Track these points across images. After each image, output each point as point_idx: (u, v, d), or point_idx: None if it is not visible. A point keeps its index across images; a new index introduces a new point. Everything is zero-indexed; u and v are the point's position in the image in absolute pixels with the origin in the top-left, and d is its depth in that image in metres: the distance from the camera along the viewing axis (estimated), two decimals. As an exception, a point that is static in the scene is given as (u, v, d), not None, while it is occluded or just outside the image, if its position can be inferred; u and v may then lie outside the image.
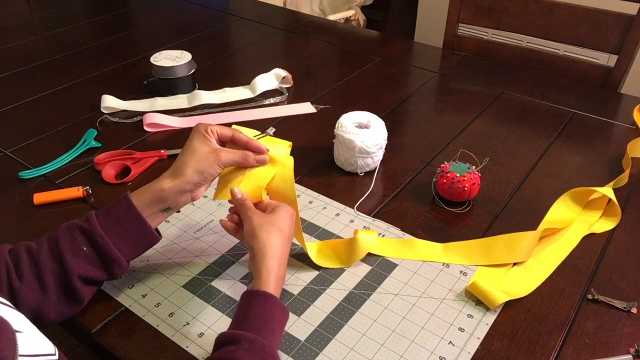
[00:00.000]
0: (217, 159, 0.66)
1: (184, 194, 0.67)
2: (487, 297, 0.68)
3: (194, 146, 0.67)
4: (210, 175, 0.67)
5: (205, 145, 0.67)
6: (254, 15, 1.58)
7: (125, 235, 0.65)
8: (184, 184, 0.66)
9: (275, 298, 0.59)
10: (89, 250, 0.64)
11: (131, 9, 1.65)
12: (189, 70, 1.14)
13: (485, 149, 0.98)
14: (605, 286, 0.71)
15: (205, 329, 0.65)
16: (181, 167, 0.66)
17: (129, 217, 0.65)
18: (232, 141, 0.70)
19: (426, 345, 0.64)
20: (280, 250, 0.63)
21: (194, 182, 0.66)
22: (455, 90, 1.19)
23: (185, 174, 0.66)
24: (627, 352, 0.63)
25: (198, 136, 0.68)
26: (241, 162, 0.68)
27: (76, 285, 0.62)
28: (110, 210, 0.66)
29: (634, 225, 0.81)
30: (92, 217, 0.65)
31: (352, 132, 0.88)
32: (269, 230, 0.63)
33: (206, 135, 0.68)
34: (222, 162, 0.67)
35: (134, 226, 0.65)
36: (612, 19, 1.23)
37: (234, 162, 0.68)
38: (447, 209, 0.84)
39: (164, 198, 0.66)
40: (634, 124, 1.06)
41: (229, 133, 0.69)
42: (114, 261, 0.64)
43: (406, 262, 0.75)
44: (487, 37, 1.65)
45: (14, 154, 0.97)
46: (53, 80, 1.22)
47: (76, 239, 0.64)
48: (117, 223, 0.65)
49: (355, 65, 1.29)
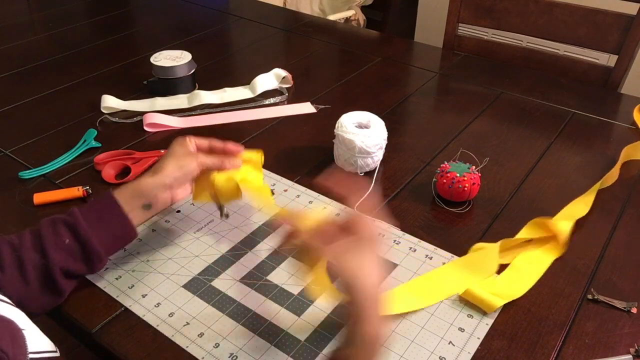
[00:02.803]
0: (196, 157, 0.73)
1: (164, 190, 0.71)
2: (483, 302, 0.67)
3: (173, 149, 0.74)
4: (189, 172, 0.72)
5: (184, 148, 0.74)
6: (254, 15, 1.58)
7: (107, 230, 0.67)
8: (164, 177, 0.70)
9: None
10: (71, 243, 0.65)
11: (131, 9, 1.65)
12: (189, 70, 1.14)
13: (485, 149, 0.98)
14: (605, 286, 0.71)
15: (205, 329, 0.65)
16: (161, 165, 0.72)
17: (112, 212, 0.68)
18: (209, 148, 0.77)
19: (426, 345, 0.64)
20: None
21: (174, 177, 0.70)
22: (455, 90, 1.19)
23: (165, 169, 0.71)
24: (627, 352, 0.63)
25: (177, 142, 0.75)
26: (218, 165, 0.74)
27: (57, 278, 0.64)
28: (93, 205, 0.69)
29: (634, 225, 0.81)
30: (75, 211, 0.67)
31: (352, 132, 0.88)
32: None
33: (187, 142, 0.74)
34: (201, 160, 0.72)
35: (115, 221, 0.68)
36: (612, 19, 1.23)
37: (213, 163, 0.73)
38: (447, 209, 0.84)
39: (143, 192, 0.70)
40: (634, 124, 1.06)
41: (205, 142, 0.76)
42: (96, 255, 0.66)
43: (406, 262, 0.75)
44: (487, 37, 1.65)
45: (14, 154, 0.97)
46: (53, 80, 1.22)
47: (59, 231, 0.65)
48: (100, 217, 0.67)
49: (355, 65, 1.29)
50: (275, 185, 0.89)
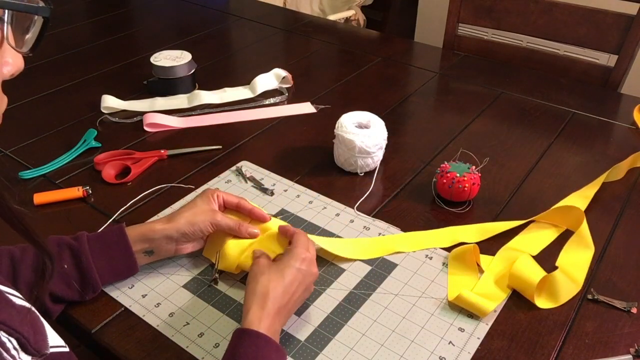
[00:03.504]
0: (212, 217, 0.70)
1: (169, 242, 0.69)
2: (475, 307, 0.67)
3: (195, 202, 0.72)
4: (200, 231, 0.70)
5: (205, 205, 0.71)
6: (254, 15, 1.58)
7: (109, 262, 0.67)
8: (173, 230, 0.69)
9: (269, 338, 0.57)
10: (70, 270, 0.65)
11: (131, 9, 1.65)
12: (189, 70, 1.14)
13: (485, 149, 0.98)
14: (605, 286, 0.71)
15: (205, 329, 0.65)
16: (176, 215, 0.70)
17: (118, 246, 0.67)
18: (237, 208, 0.73)
19: (426, 345, 0.64)
20: (277, 293, 0.60)
21: (182, 232, 0.69)
22: (455, 90, 1.19)
23: (177, 221, 0.69)
24: (627, 352, 0.63)
25: (202, 196, 0.72)
26: (234, 230, 0.71)
27: (46, 302, 0.63)
28: (102, 235, 0.68)
29: (634, 225, 0.81)
30: (82, 238, 0.67)
31: (352, 132, 0.88)
32: (269, 273, 0.62)
33: (211, 198, 0.72)
34: (216, 221, 0.70)
35: (120, 255, 0.68)
36: (612, 19, 1.23)
37: (228, 227, 0.70)
38: (447, 209, 0.84)
39: (151, 238, 0.69)
40: (634, 124, 1.06)
41: (234, 200, 0.73)
42: (91, 284, 0.66)
43: (406, 262, 0.75)
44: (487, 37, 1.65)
45: (14, 154, 0.97)
46: (53, 80, 1.22)
47: (61, 255, 0.65)
48: (105, 249, 0.67)
49: (355, 65, 1.29)
50: (275, 185, 0.89)
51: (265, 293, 0.60)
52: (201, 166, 0.94)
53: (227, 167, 0.94)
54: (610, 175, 0.89)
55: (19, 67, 0.45)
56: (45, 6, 0.44)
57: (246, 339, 0.56)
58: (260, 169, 0.93)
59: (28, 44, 0.45)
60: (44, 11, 0.44)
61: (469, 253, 0.74)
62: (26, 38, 0.45)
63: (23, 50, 0.45)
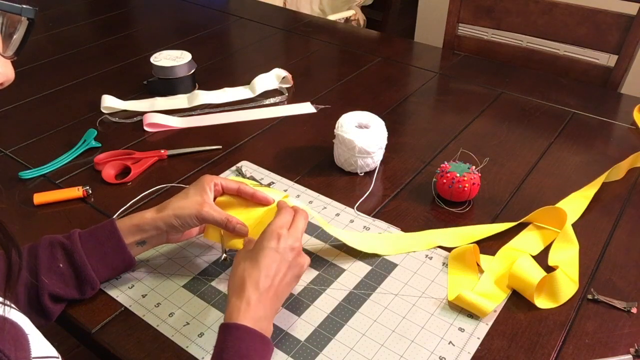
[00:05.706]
0: (198, 211, 0.67)
1: (160, 232, 0.69)
2: (475, 307, 0.67)
3: (187, 192, 0.69)
4: (186, 224, 0.68)
5: (197, 195, 0.68)
6: (254, 15, 1.58)
7: (104, 258, 0.67)
8: (161, 221, 0.67)
9: (250, 329, 0.56)
10: (65, 268, 0.65)
11: (131, 9, 1.65)
12: (189, 70, 1.14)
13: (485, 149, 0.98)
14: (605, 286, 0.71)
15: (205, 329, 0.65)
16: (167, 205, 0.68)
17: (111, 240, 0.67)
18: (238, 193, 0.70)
19: (426, 345, 0.64)
20: (257, 280, 0.59)
21: (169, 224, 0.67)
22: (455, 90, 1.19)
23: (166, 212, 0.67)
24: (627, 352, 0.63)
25: (196, 185, 0.69)
26: (222, 225, 0.68)
27: (45, 302, 0.63)
28: (93, 231, 0.68)
29: (634, 225, 0.81)
30: (74, 235, 0.67)
31: (352, 132, 0.88)
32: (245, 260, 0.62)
33: (206, 187, 0.69)
34: (202, 215, 0.67)
35: (114, 250, 0.67)
36: (612, 19, 1.23)
37: (214, 221, 0.68)
38: (447, 209, 0.84)
39: (142, 229, 0.68)
40: (634, 124, 1.06)
41: (234, 186, 0.70)
42: (88, 281, 0.66)
43: (406, 262, 0.75)
44: (487, 37, 1.65)
45: (14, 154, 0.97)
46: (53, 80, 1.22)
47: (55, 254, 0.65)
48: (98, 245, 0.67)
49: (355, 65, 1.29)
50: (275, 185, 0.89)
51: (241, 283, 0.59)
52: (201, 166, 0.94)
53: (227, 167, 0.94)
54: (610, 175, 0.89)
55: (8, 77, 0.44)
56: (30, 7, 0.43)
57: (228, 333, 0.56)
58: (260, 169, 0.93)
59: (12, 47, 0.44)
60: (28, 12, 0.43)
61: (469, 253, 0.74)
62: (10, 41, 0.44)
63: (7, 54, 0.44)
